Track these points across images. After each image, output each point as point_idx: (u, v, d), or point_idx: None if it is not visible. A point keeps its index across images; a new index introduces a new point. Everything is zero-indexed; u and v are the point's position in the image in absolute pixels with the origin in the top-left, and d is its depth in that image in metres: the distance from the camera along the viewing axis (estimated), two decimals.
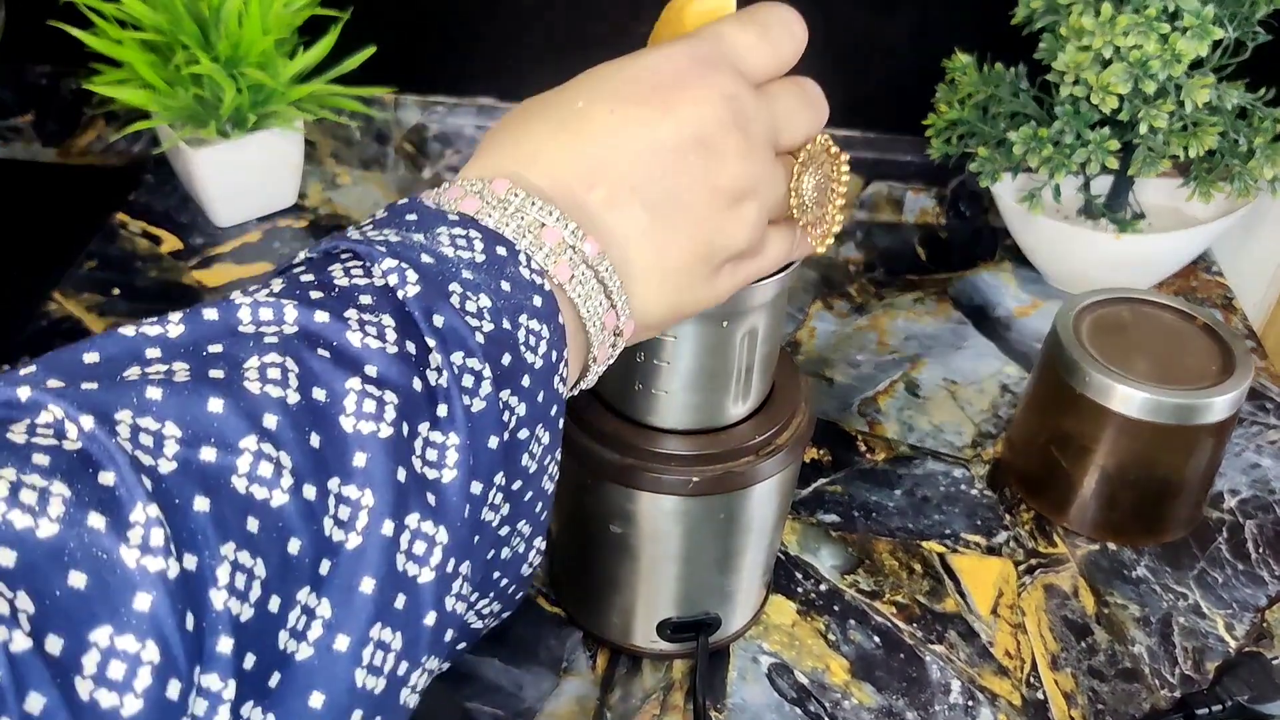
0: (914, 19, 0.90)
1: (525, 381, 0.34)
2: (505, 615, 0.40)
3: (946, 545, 0.68)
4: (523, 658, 0.60)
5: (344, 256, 0.34)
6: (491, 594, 0.37)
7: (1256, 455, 0.75)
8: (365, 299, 0.32)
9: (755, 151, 0.38)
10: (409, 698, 0.31)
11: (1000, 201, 0.87)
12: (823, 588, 0.65)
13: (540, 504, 0.37)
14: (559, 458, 0.37)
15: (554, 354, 0.35)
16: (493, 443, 0.33)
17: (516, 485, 0.35)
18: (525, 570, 0.38)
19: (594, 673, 0.60)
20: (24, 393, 0.27)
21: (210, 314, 0.30)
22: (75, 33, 0.82)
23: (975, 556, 0.68)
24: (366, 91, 0.89)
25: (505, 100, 0.97)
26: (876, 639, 0.62)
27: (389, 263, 0.32)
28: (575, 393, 0.40)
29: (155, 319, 0.30)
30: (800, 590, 0.65)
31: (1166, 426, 0.64)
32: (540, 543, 0.38)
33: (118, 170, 0.98)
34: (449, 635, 0.33)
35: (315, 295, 0.31)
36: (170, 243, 0.90)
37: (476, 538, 0.33)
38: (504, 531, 0.36)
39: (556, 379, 0.35)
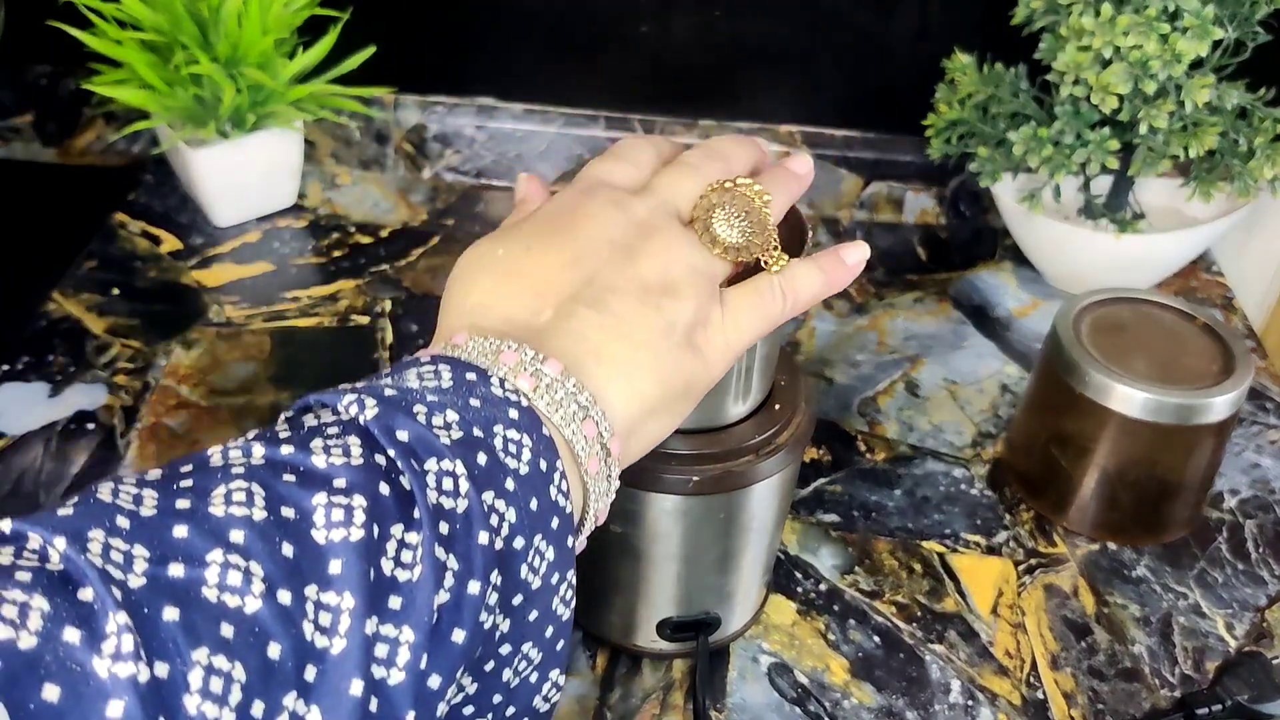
0: (914, 19, 0.90)
1: (509, 485, 0.34)
2: None
3: (946, 545, 0.68)
4: None
5: (316, 405, 0.36)
6: (492, 717, 0.37)
7: (1257, 455, 0.75)
8: (331, 430, 0.34)
9: (656, 229, 0.41)
10: None
11: (1000, 201, 0.87)
12: (823, 587, 0.65)
13: (551, 628, 0.37)
14: (573, 582, 0.37)
15: (542, 463, 0.35)
16: (483, 538, 0.33)
17: (517, 600, 0.35)
18: (539, 704, 0.38)
19: (594, 672, 0.60)
20: (5, 525, 0.29)
21: (184, 462, 0.32)
22: (75, 33, 0.82)
23: (975, 556, 0.68)
24: (366, 92, 0.89)
25: (505, 100, 0.97)
26: (876, 639, 0.62)
27: (349, 398, 0.34)
28: (588, 528, 0.40)
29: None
30: (800, 590, 0.65)
31: (1166, 426, 0.64)
32: (558, 676, 0.38)
33: (117, 170, 0.98)
34: None
35: (284, 435, 0.33)
36: (170, 243, 0.90)
37: (467, 638, 0.33)
38: (505, 649, 0.35)
39: (553, 490, 0.36)
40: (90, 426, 0.73)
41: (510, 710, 0.37)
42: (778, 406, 0.54)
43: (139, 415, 0.74)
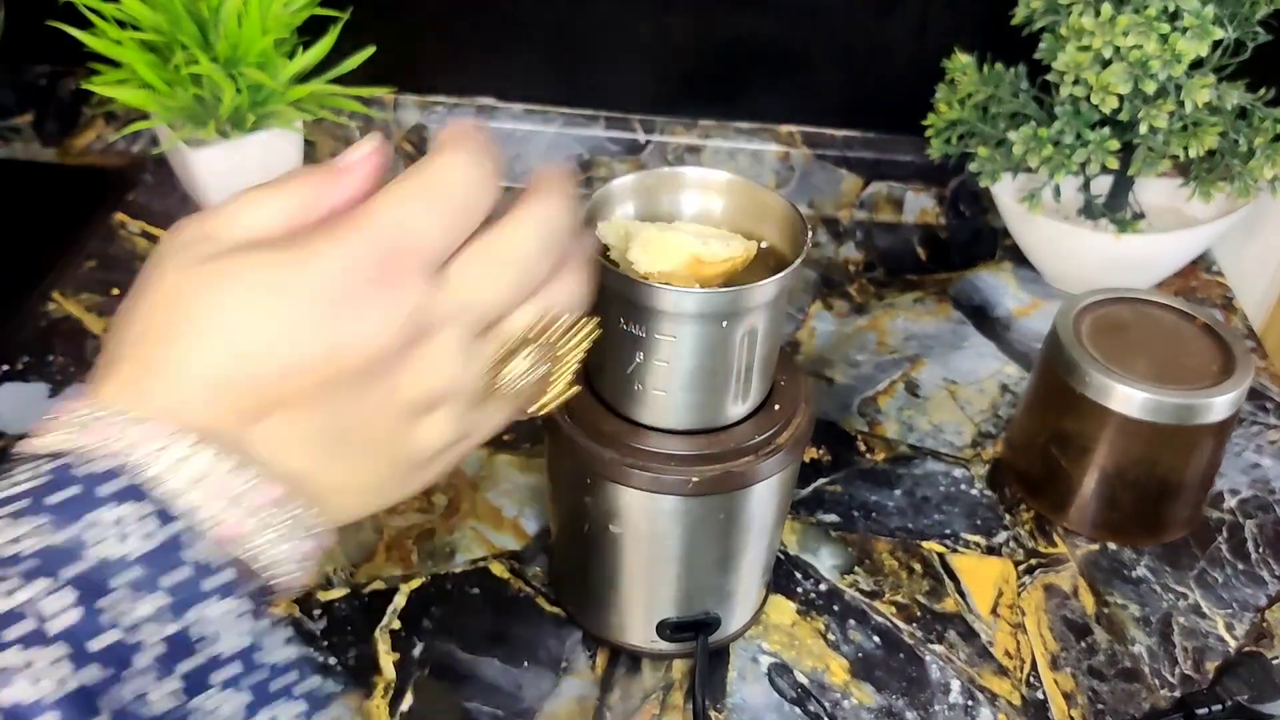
0: (914, 19, 0.90)
1: (218, 676, 0.29)
2: None
3: (946, 545, 0.68)
4: (522, 657, 0.60)
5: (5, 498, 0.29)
6: None
7: (1257, 455, 0.75)
8: (11, 635, 0.26)
9: (442, 347, 0.34)
10: None
11: (1000, 201, 0.87)
12: (822, 588, 0.65)
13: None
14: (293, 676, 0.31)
15: (249, 619, 0.30)
16: None
17: None
18: None
19: (594, 672, 0.60)
20: None
21: None
22: (75, 33, 0.82)
23: (975, 556, 0.67)
24: (366, 91, 0.89)
25: (504, 100, 0.97)
26: (876, 639, 0.62)
27: (24, 594, 0.27)
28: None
29: None
30: (800, 590, 0.65)
31: (1166, 426, 0.63)
32: None
33: (117, 170, 0.98)
34: None
35: None
36: None
37: None
38: None
39: (257, 628, 0.30)
40: None
41: None
42: (777, 407, 0.54)
43: None
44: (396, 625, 0.62)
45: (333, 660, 0.59)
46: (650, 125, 0.96)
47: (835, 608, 0.64)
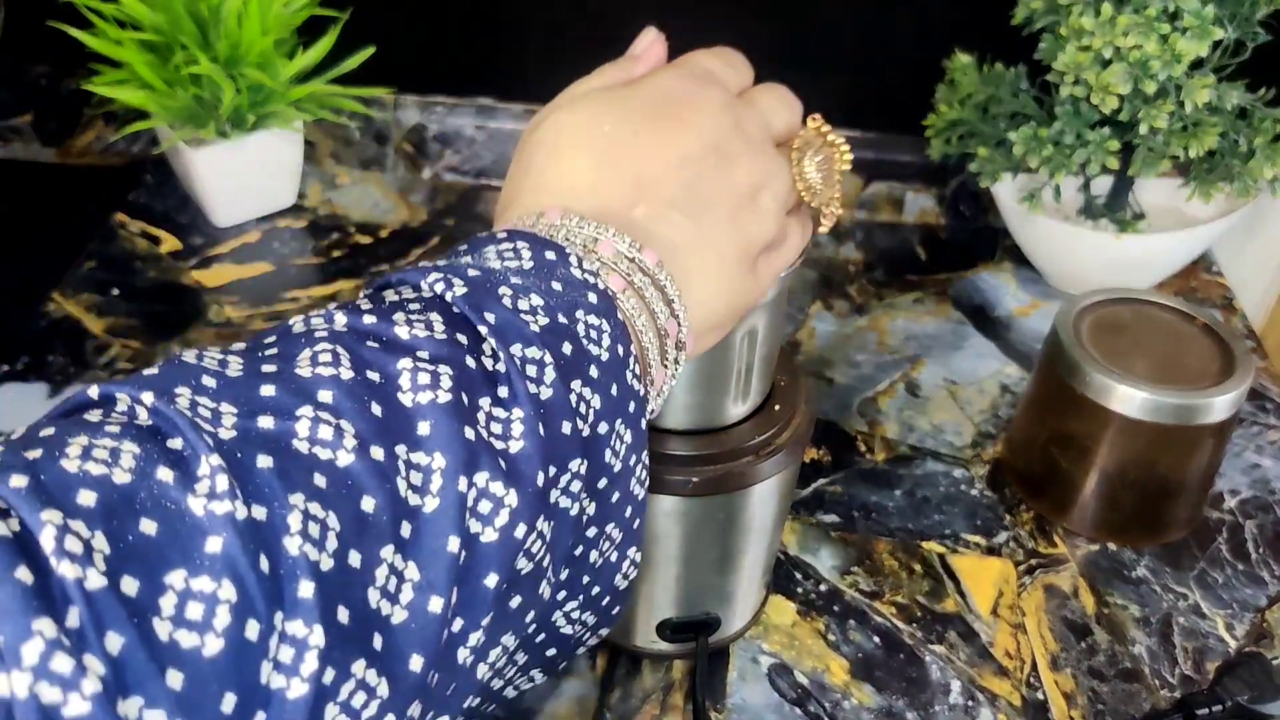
0: (914, 19, 0.90)
1: (593, 373, 0.35)
2: (602, 632, 0.40)
3: (946, 545, 0.68)
4: None
5: (396, 283, 0.36)
6: (581, 598, 0.38)
7: (1257, 455, 0.75)
8: (413, 306, 0.33)
9: (757, 147, 0.41)
10: (467, 658, 0.31)
11: (1000, 202, 0.87)
12: (823, 588, 0.65)
13: (630, 509, 0.38)
14: (646, 462, 0.38)
15: (620, 348, 0.36)
16: (566, 428, 0.33)
17: (602, 483, 0.35)
18: (620, 581, 0.39)
19: (594, 673, 0.60)
20: (94, 390, 0.29)
21: (268, 333, 0.32)
22: (74, 33, 0.82)
23: (975, 557, 0.67)
24: (366, 92, 0.89)
25: (504, 100, 0.97)
26: (876, 639, 0.62)
27: (434, 275, 0.34)
28: (654, 412, 0.40)
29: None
30: (800, 590, 0.65)
31: (1167, 427, 0.63)
32: (635, 554, 0.39)
33: (117, 170, 0.98)
34: (528, 617, 0.33)
35: (365, 307, 0.33)
36: (169, 243, 0.90)
37: (551, 522, 0.33)
38: (591, 532, 0.36)
39: (629, 375, 0.36)
40: None
41: (596, 590, 0.38)
42: (778, 407, 0.54)
43: None
44: None
45: None
46: None
47: (835, 608, 0.64)
